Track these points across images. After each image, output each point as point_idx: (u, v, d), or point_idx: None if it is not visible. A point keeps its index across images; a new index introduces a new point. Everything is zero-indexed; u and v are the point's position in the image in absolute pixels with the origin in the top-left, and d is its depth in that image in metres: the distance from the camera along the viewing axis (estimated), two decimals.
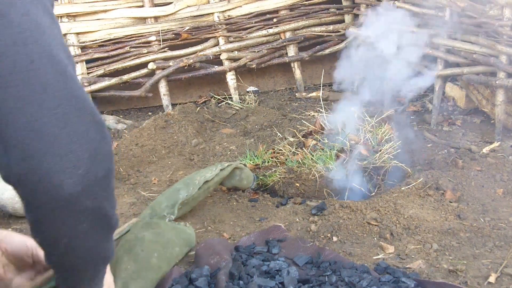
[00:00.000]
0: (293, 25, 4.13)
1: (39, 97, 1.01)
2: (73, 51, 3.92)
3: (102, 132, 1.11)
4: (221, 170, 2.41)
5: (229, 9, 4.07)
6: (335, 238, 2.11)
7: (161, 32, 3.97)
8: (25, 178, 1.04)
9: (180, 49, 4.03)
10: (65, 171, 1.04)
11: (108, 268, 1.37)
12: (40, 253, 1.43)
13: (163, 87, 4.02)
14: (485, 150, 2.79)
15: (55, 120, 1.02)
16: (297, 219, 2.29)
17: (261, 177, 2.68)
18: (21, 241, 1.40)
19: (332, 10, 4.22)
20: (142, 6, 4.00)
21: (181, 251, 2.00)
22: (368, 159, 2.66)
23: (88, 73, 3.97)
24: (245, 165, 2.61)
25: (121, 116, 4.07)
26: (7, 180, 1.07)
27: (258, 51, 4.11)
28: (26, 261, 1.41)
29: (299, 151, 2.77)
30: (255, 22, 4.10)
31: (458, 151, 2.81)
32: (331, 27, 4.20)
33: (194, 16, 4.05)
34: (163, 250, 1.90)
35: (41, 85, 1.01)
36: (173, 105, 4.05)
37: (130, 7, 4.00)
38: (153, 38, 3.97)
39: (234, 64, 4.06)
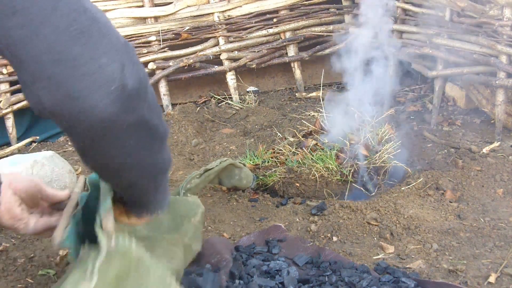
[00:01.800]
0: (293, 25, 4.13)
1: (50, 15, 0.95)
2: None
3: (123, 40, 1.04)
4: (221, 162, 2.42)
5: (229, 9, 4.07)
6: (335, 238, 2.11)
7: (161, 32, 3.97)
8: (58, 108, 0.97)
9: (180, 49, 4.03)
10: (98, 90, 0.97)
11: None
12: (46, 189, 1.41)
13: (163, 87, 4.02)
14: (485, 150, 2.79)
15: (73, 38, 0.96)
16: (297, 219, 2.29)
17: (261, 177, 2.68)
18: (29, 179, 1.37)
19: (332, 10, 4.21)
20: (142, 6, 4.00)
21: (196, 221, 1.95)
22: (368, 159, 2.66)
23: None
24: (244, 164, 2.61)
25: None
26: (42, 113, 1.00)
27: (258, 51, 4.11)
28: (36, 199, 1.38)
29: (299, 151, 2.77)
30: (255, 22, 4.09)
31: (458, 151, 2.81)
32: (331, 27, 4.20)
33: (194, 16, 4.05)
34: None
35: (50, 4, 0.95)
36: (173, 105, 4.05)
37: (130, 7, 4.00)
38: (153, 38, 3.97)
39: (234, 64, 4.06)
